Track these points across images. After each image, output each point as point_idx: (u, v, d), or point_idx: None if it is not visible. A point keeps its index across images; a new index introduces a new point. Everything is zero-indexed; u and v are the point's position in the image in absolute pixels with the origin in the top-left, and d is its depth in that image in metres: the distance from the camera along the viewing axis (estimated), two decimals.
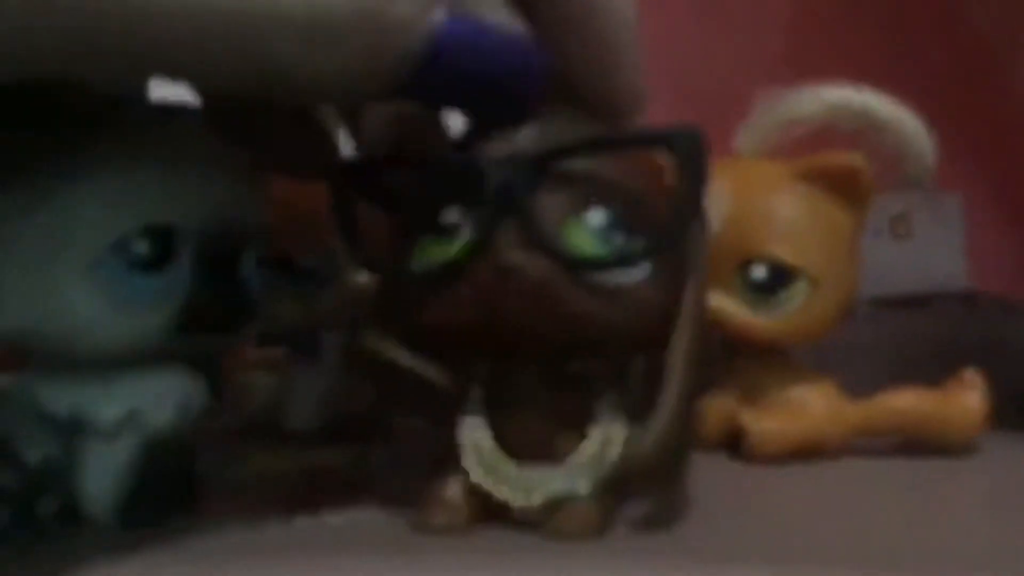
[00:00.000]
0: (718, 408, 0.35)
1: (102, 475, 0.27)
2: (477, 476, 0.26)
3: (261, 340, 0.40)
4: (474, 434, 0.27)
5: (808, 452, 0.34)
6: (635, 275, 0.25)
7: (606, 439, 0.26)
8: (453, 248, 0.26)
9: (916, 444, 0.35)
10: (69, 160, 0.26)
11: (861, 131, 0.35)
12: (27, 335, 0.26)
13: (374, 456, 0.35)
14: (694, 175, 0.25)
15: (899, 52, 0.47)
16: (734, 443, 0.35)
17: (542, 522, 0.26)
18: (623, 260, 0.25)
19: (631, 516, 0.26)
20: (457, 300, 0.25)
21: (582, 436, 0.26)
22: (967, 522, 0.30)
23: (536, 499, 0.26)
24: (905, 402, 0.35)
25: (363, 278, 0.37)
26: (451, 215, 0.26)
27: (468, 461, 0.26)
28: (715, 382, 0.35)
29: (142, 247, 0.26)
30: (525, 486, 0.26)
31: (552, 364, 0.27)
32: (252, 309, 0.29)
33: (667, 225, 0.25)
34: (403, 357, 0.27)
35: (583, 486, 0.26)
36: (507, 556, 0.25)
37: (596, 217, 0.25)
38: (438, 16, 0.23)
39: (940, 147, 0.37)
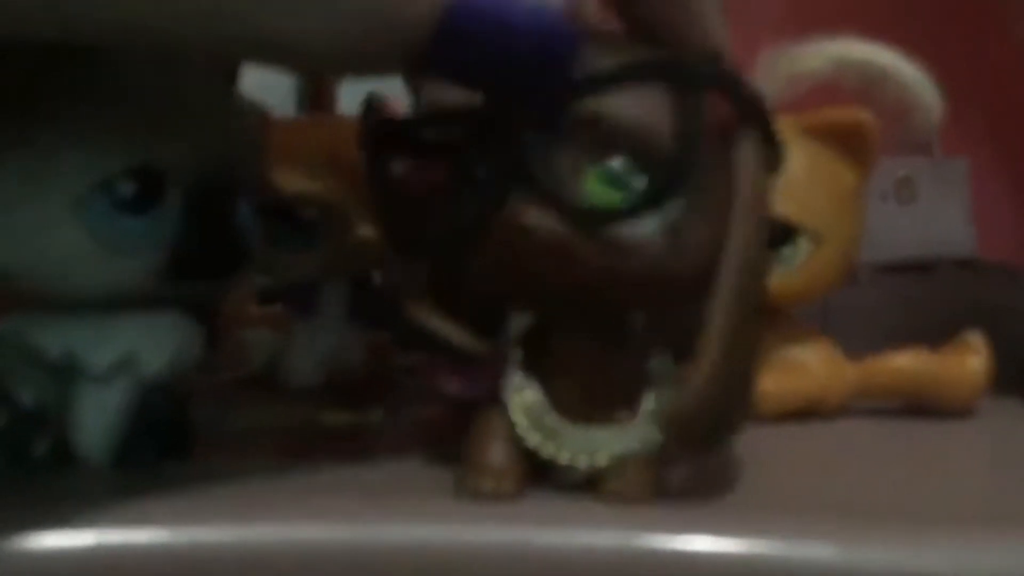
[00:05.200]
0: None
1: (95, 417, 0.27)
2: (534, 440, 0.25)
3: (262, 297, 0.40)
4: (523, 397, 0.26)
5: (807, 411, 0.34)
6: (658, 221, 0.24)
7: (662, 395, 0.25)
8: (481, 203, 0.25)
9: (916, 406, 0.35)
10: (56, 98, 0.25)
11: (867, 86, 0.34)
12: (12, 274, 0.26)
13: (373, 413, 0.35)
14: (691, 109, 0.24)
15: (905, 16, 0.46)
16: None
17: (599, 483, 0.25)
18: (640, 209, 0.24)
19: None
20: (479, 260, 0.25)
21: (635, 394, 0.25)
22: (966, 480, 0.30)
23: (601, 460, 0.25)
24: (905, 363, 0.34)
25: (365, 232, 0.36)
26: (480, 170, 0.25)
27: (520, 425, 0.25)
28: None
29: (128, 188, 0.26)
30: (588, 448, 0.25)
31: (591, 322, 0.26)
32: (246, 256, 0.28)
33: (671, 166, 0.24)
34: (443, 327, 0.26)
35: (648, 445, 0.25)
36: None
37: (614, 164, 0.24)
38: None
39: (946, 112, 0.36)
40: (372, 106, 0.36)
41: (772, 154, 0.25)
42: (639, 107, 0.24)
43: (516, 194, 0.24)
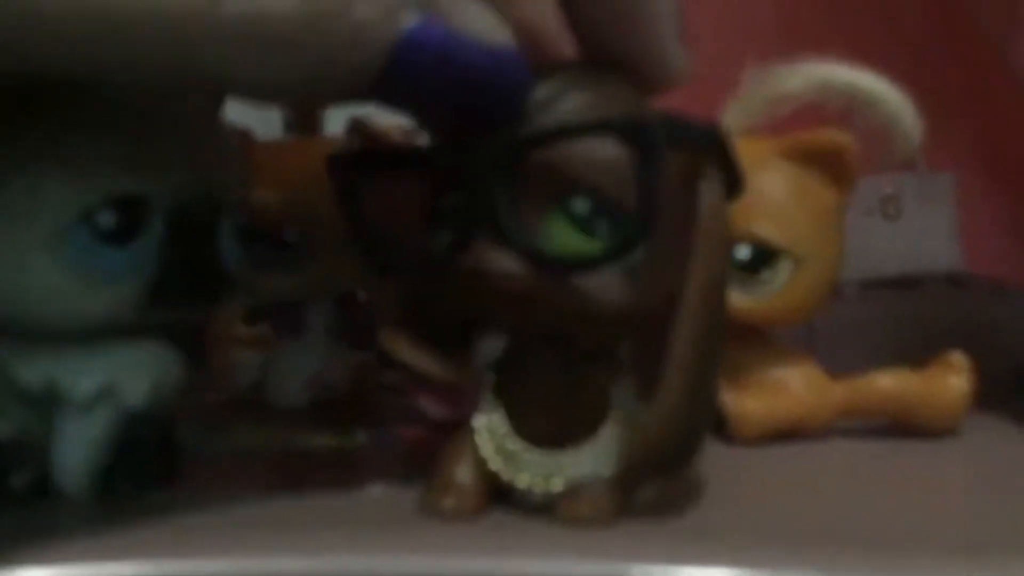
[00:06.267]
0: None
1: (77, 448, 0.27)
2: (496, 464, 0.26)
3: (248, 318, 0.40)
4: (489, 420, 0.26)
5: (790, 433, 0.34)
6: (621, 265, 0.24)
7: (624, 421, 0.26)
8: (445, 239, 0.25)
9: (900, 426, 0.35)
10: (33, 132, 0.25)
11: (849, 108, 0.34)
12: None
13: (359, 435, 0.35)
14: (648, 169, 0.24)
15: (891, 29, 0.46)
16: (716, 424, 0.35)
17: (556, 507, 0.25)
18: (604, 261, 0.24)
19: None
20: (448, 294, 0.26)
21: (598, 420, 0.26)
22: (950, 503, 0.30)
23: (557, 484, 0.25)
24: (888, 383, 0.34)
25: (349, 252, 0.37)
26: (441, 204, 0.26)
27: (484, 448, 0.26)
28: None
29: (109, 219, 0.26)
30: (545, 471, 0.26)
31: (561, 350, 0.26)
32: (228, 281, 0.29)
33: (634, 221, 0.24)
34: (415, 358, 0.27)
35: (605, 469, 0.25)
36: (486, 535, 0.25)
37: (578, 205, 0.24)
38: (406, 20, 0.22)
39: (932, 126, 0.36)
40: (356, 129, 0.37)
41: (733, 180, 0.26)
42: (598, 148, 0.24)
43: (481, 236, 0.24)
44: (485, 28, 0.23)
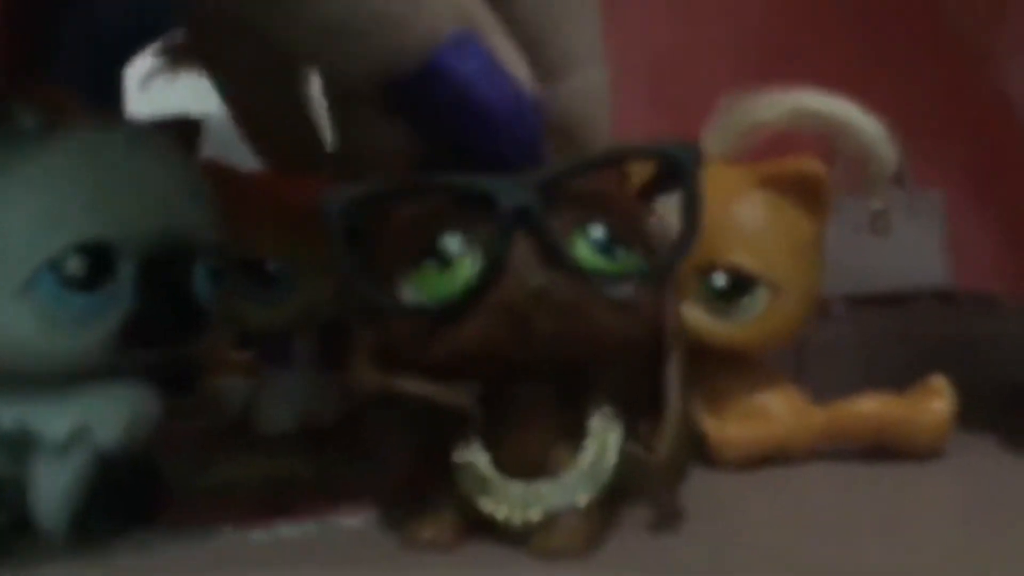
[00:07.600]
0: None
1: (53, 490, 0.27)
2: (476, 495, 0.26)
3: (237, 343, 0.40)
4: (470, 452, 0.27)
5: (773, 458, 0.34)
6: (632, 287, 0.26)
7: (601, 449, 0.26)
8: (459, 276, 0.25)
9: (883, 449, 0.35)
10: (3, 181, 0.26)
11: (824, 135, 0.34)
12: None
13: (342, 463, 0.35)
14: (691, 192, 0.26)
15: (878, 49, 0.46)
16: (698, 450, 0.35)
17: (533, 538, 0.26)
18: (633, 273, 0.26)
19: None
20: (482, 325, 0.25)
21: (575, 449, 0.26)
22: (934, 527, 0.30)
23: (534, 515, 0.26)
24: (870, 408, 0.34)
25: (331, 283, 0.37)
26: (453, 243, 0.26)
27: (464, 480, 0.26)
28: None
29: (76, 266, 0.26)
30: (523, 502, 0.26)
31: (558, 379, 0.27)
32: (204, 321, 0.29)
33: (670, 241, 0.26)
34: (422, 388, 0.27)
35: (581, 499, 0.26)
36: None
37: (596, 231, 0.26)
38: (452, 34, 0.23)
39: (921, 143, 0.36)
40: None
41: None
42: (614, 182, 0.26)
43: (517, 258, 0.25)
44: (518, 62, 0.24)
